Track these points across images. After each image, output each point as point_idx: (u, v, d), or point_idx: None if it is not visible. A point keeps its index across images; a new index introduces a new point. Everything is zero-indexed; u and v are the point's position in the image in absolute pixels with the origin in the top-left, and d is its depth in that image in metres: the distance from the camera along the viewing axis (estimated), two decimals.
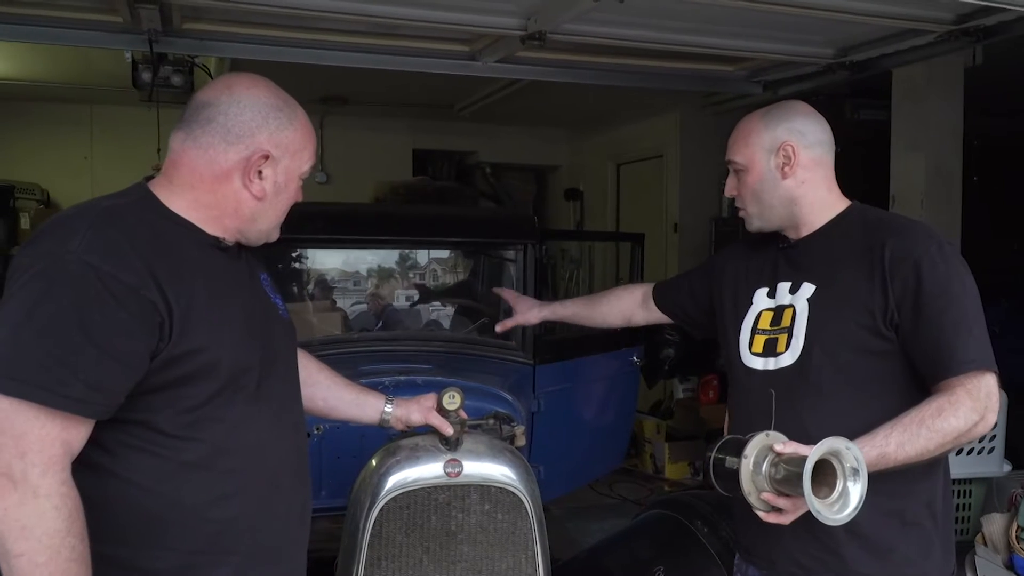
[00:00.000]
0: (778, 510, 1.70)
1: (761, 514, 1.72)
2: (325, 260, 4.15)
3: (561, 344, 3.81)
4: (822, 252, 1.95)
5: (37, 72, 6.14)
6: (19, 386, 1.35)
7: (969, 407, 1.71)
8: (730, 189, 2.03)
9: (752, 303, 2.03)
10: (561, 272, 6.71)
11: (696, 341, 3.20)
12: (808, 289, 1.92)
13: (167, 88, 4.20)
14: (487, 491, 2.04)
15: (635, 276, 4.36)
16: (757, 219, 2.01)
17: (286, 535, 1.68)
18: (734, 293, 2.11)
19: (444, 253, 4.46)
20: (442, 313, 4.31)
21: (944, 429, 1.70)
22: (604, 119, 7.90)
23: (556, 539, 4.36)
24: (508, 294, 2.82)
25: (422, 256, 4.46)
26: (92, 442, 1.44)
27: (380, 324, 4.10)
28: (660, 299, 2.45)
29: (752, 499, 1.70)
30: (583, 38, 3.21)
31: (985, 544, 3.13)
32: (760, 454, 1.68)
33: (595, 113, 7.64)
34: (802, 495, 1.57)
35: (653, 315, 2.47)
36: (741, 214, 2.05)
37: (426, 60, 3.57)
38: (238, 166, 1.59)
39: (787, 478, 1.63)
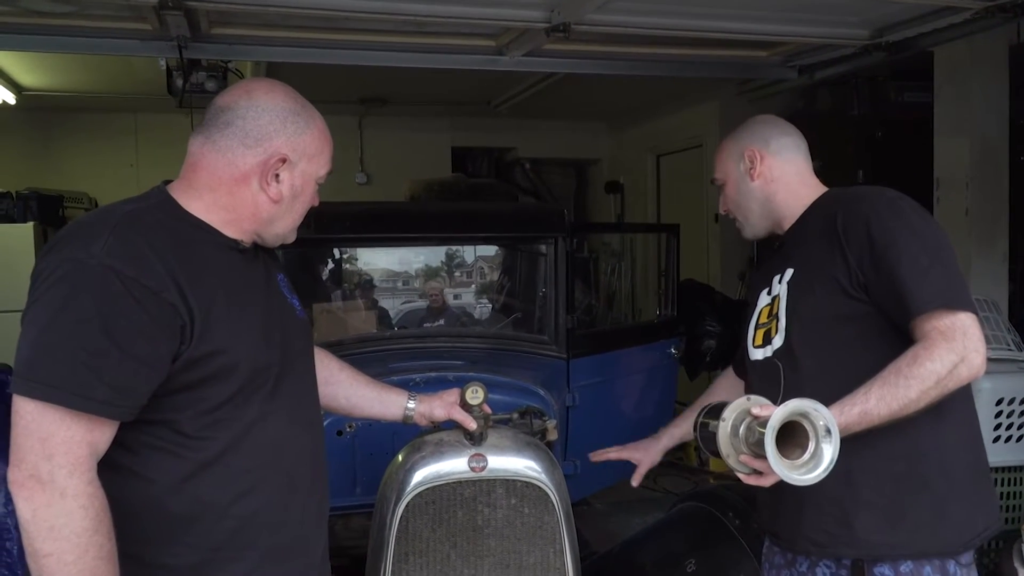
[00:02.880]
0: (758, 473, 1.68)
1: (742, 476, 1.71)
2: (357, 259, 4.18)
3: (596, 338, 3.79)
4: (799, 238, 2.03)
5: (83, 83, 6.27)
6: (45, 390, 1.38)
7: (945, 348, 1.69)
8: (721, 206, 2.20)
9: (757, 304, 2.10)
10: (603, 266, 6.67)
11: (739, 332, 3.17)
12: (788, 274, 1.99)
13: (202, 94, 4.25)
14: (512, 485, 2.03)
15: (671, 267, 4.32)
16: (746, 225, 2.15)
17: (303, 531, 1.70)
18: (749, 301, 2.19)
19: (485, 250, 4.47)
20: (477, 309, 4.32)
21: (922, 375, 1.68)
22: (642, 111, 7.83)
23: (598, 533, 4.37)
24: (614, 453, 2.47)
25: (458, 253, 4.48)
26: (115, 443, 1.46)
27: (441, 321, 4.13)
28: (737, 367, 2.41)
29: (731, 461, 1.70)
30: (610, 28, 3.18)
31: None
32: (739, 418, 1.68)
33: (633, 105, 7.58)
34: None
35: None
36: (737, 226, 2.19)
37: (454, 56, 3.58)
38: (256, 169, 1.60)
39: (761, 440, 1.60)
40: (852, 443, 1.66)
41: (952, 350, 1.69)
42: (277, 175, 1.62)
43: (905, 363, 1.70)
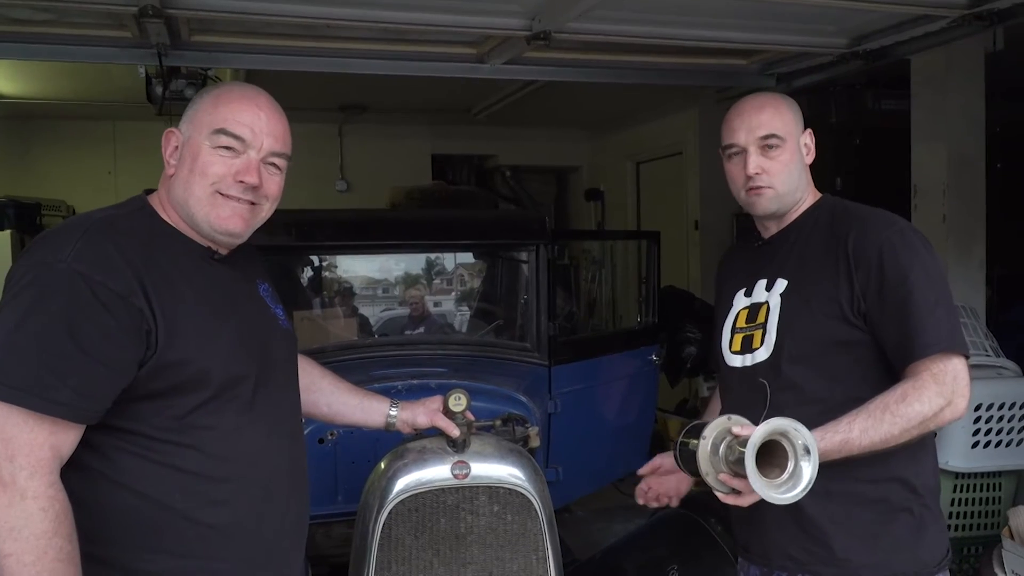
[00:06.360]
0: (737, 492, 1.69)
1: (720, 495, 1.72)
2: (337, 266, 4.16)
3: (578, 344, 3.80)
4: (794, 246, 1.97)
5: (61, 91, 6.23)
6: (8, 391, 1.38)
7: (934, 392, 1.71)
8: (756, 166, 1.90)
9: (732, 305, 2.05)
10: (584, 273, 6.67)
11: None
12: (781, 285, 1.94)
13: (181, 101, 4.23)
14: (495, 492, 2.02)
15: (652, 274, 4.33)
16: (778, 198, 1.93)
17: (279, 543, 1.69)
18: (719, 299, 2.14)
19: (466, 258, 4.46)
20: (458, 316, 4.32)
21: (908, 415, 1.70)
22: (622, 118, 7.87)
23: (581, 540, 4.35)
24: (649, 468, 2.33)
25: (439, 260, 4.47)
26: (84, 444, 1.46)
27: (421, 328, 4.12)
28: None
29: (710, 480, 1.71)
30: (590, 36, 3.20)
31: (1012, 538, 3.06)
32: (719, 436, 1.69)
33: (613, 112, 7.61)
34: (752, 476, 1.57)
35: None
36: (753, 195, 1.93)
37: (435, 64, 3.58)
38: (166, 158, 1.64)
39: (740, 459, 1.62)
40: (832, 466, 1.67)
41: (941, 394, 1.72)
42: (180, 153, 1.62)
43: (893, 399, 1.71)
